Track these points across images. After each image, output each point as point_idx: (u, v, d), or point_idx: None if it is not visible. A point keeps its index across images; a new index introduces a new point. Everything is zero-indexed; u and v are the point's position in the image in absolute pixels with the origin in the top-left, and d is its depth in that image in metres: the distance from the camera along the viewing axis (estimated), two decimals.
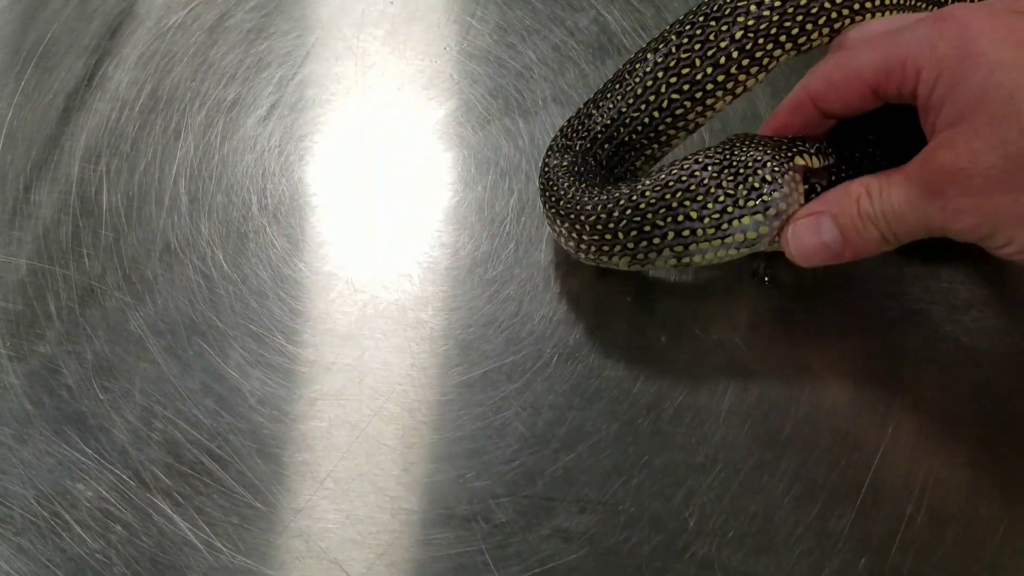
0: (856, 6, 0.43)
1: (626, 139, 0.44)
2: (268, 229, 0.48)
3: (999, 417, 0.41)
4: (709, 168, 0.40)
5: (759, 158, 0.40)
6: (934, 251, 0.45)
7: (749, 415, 0.41)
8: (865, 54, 0.40)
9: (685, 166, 0.41)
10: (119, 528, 0.40)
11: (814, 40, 0.43)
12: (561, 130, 0.46)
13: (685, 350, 0.43)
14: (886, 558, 0.37)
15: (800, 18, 0.42)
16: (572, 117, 0.46)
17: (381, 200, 0.49)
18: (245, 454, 0.41)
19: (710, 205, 0.40)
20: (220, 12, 0.56)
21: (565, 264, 0.46)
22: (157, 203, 0.49)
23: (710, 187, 0.40)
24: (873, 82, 0.39)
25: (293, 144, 0.51)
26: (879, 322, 0.44)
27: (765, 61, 0.43)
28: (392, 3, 0.56)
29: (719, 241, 0.40)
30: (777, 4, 0.42)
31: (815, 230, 0.40)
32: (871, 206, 0.39)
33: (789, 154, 0.41)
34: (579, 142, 0.45)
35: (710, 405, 0.41)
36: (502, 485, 0.40)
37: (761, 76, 0.43)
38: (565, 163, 0.44)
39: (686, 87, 0.43)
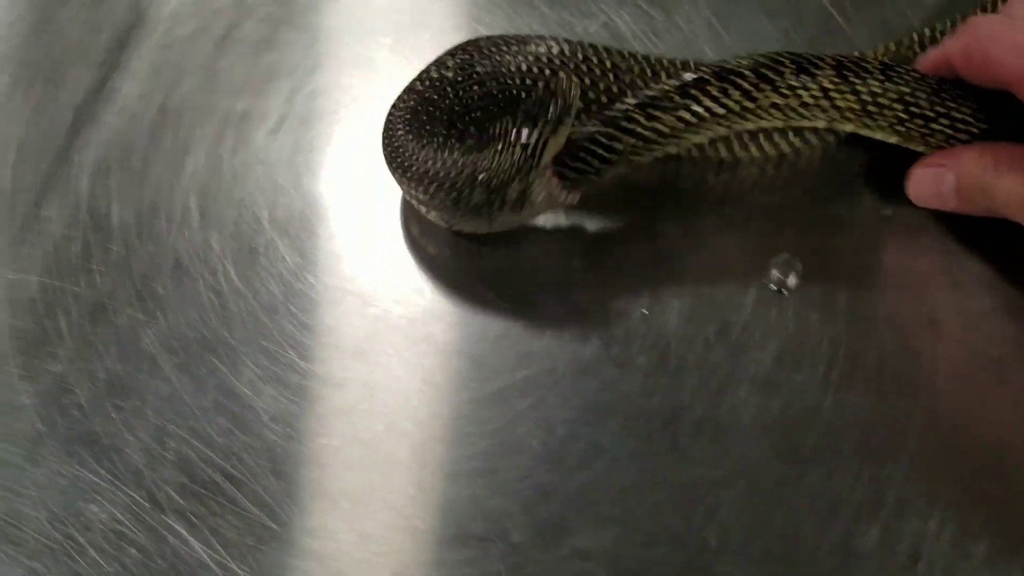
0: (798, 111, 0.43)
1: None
2: (279, 243, 0.47)
3: None
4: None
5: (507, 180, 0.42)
6: (953, 260, 0.44)
7: (770, 428, 0.40)
8: None
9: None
10: (133, 551, 0.39)
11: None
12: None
13: (702, 363, 0.42)
14: None
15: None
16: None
17: (392, 212, 0.48)
18: (259, 473, 0.41)
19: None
20: (228, 23, 0.56)
21: (578, 275, 0.45)
22: (167, 218, 0.49)
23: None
24: None
25: (303, 156, 0.50)
26: (899, 332, 0.43)
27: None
28: (399, 11, 0.56)
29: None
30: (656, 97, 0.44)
31: (935, 183, 0.42)
32: (994, 180, 0.40)
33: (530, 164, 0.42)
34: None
35: (729, 419, 0.41)
36: (518, 504, 0.39)
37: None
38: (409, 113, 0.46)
39: None
